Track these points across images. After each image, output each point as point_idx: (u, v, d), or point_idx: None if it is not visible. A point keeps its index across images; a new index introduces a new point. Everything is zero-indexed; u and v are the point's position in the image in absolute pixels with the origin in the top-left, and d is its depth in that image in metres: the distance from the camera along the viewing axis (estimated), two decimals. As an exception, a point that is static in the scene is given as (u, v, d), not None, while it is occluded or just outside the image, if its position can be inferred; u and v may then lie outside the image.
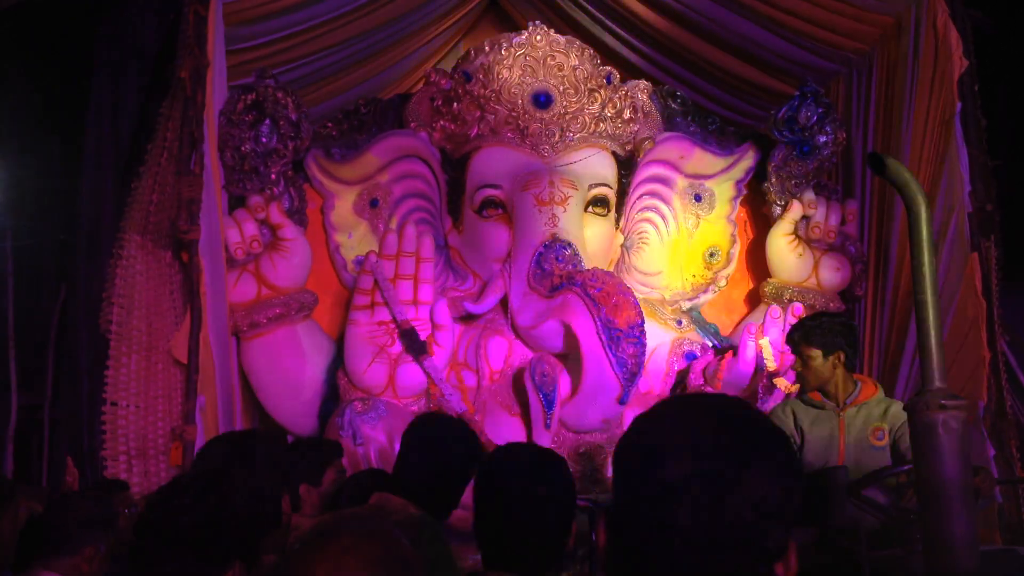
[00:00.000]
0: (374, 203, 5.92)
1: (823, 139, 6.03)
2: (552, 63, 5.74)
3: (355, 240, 5.91)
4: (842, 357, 3.98)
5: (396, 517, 2.59)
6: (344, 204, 5.92)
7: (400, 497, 2.69)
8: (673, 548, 1.14)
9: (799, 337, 4.07)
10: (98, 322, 4.89)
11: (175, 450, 4.62)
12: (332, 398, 5.55)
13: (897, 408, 3.95)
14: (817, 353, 4.01)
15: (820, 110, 5.99)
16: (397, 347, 5.43)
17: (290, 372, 5.56)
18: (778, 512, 1.15)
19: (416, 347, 5.39)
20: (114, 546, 3.32)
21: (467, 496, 5.25)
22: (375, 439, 5.06)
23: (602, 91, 5.81)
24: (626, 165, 5.93)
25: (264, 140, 5.41)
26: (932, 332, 2.19)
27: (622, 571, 1.21)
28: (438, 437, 2.79)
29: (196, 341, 4.77)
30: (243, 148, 5.37)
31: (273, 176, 5.48)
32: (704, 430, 1.18)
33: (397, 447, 5.03)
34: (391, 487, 2.78)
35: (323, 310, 5.78)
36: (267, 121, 5.38)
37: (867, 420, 3.96)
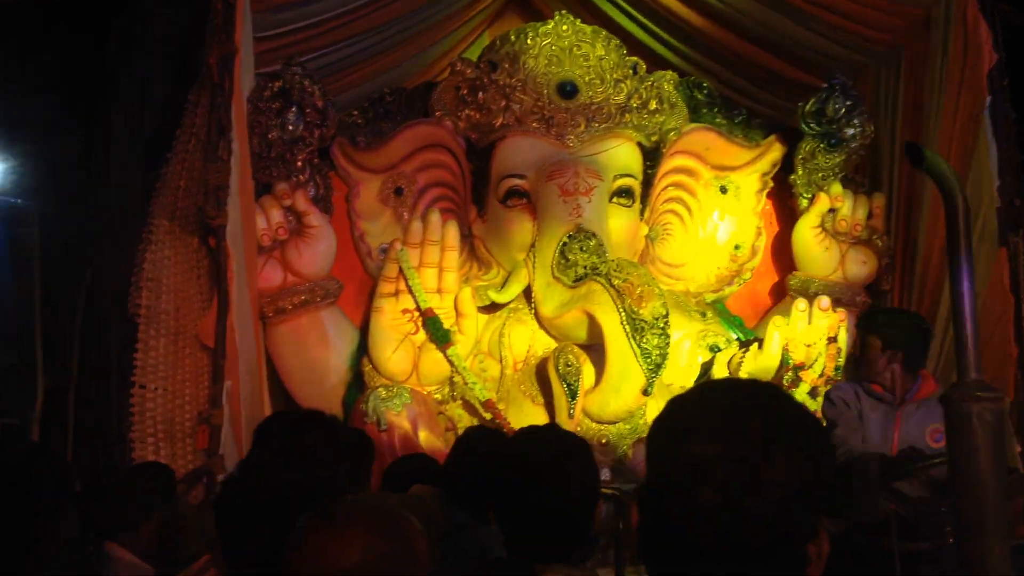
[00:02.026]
0: (399, 191, 5.93)
1: (851, 132, 6.00)
2: (578, 53, 5.74)
3: (380, 228, 5.92)
4: (900, 356, 3.95)
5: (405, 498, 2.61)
6: (369, 192, 5.93)
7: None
8: (700, 527, 1.15)
9: (864, 324, 4.06)
10: (126, 306, 4.93)
11: (202, 433, 4.65)
12: (356, 385, 5.57)
13: None
14: (876, 343, 3.98)
15: (849, 103, 5.96)
16: (421, 335, 5.45)
17: (315, 358, 5.59)
18: (806, 493, 1.17)
19: (440, 335, 5.41)
20: (172, 520, 3.69)
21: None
22: (399, 426, 5.09)
23: (628, 81, 5.80)
24: (652, 156, 5.92)
25: (290, 127, 5.42)
26: (968, 323, 2.18)
27: (654, 551, 1.22)
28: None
29: (223, 326, 4.79)
30: (270, 135, 5.39)
31: (299, 163, 5.50)
32: (734, 412, 1.20)
33: (420, 434, 5.11)
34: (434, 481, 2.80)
35: (348, 297, 5.79)
36: (293, 108, 5.40)
37: (925, 419, 3.89)
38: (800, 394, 5.28)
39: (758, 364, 5.43)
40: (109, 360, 5.30)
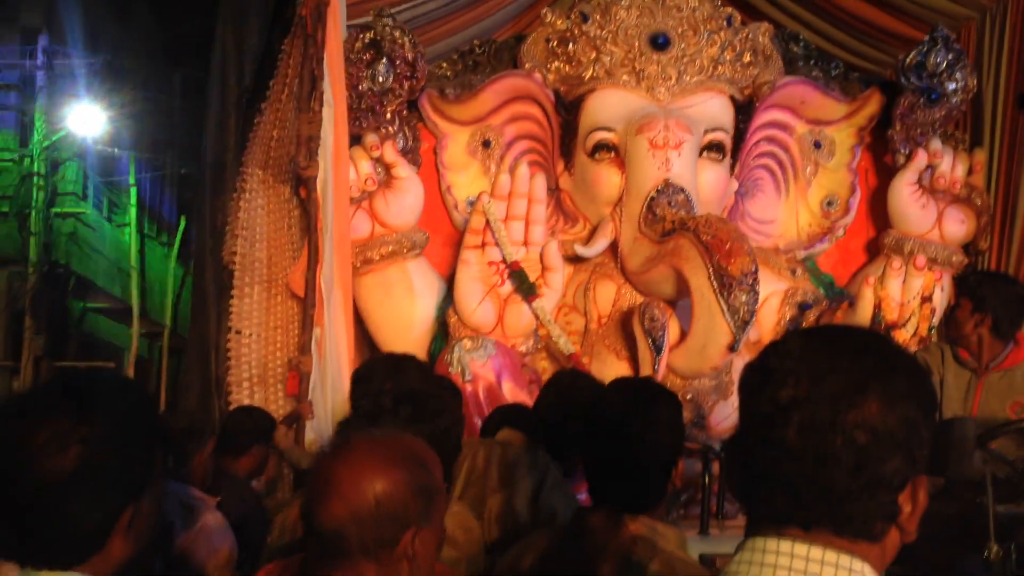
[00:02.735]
0: (487, 144, 5.93)
1: (952, 86, 5.81)
2: (671, 4, 5.63)
3: (467, 180, 5.93)
4: (989, 321, 3.82)
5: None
6: (457, 144, 5.94)
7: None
8: (783, 468, 1.14)
9: (960, 283, 3.97)
10: (221, 253, 5.05)
11: (291, 379, 4.76)
12: (441, 336, 5.62)
13: None
14: (967, 305, 3.86)
15: (951, 56, 5.76)
16: (507, 287, 5.47)
17: (401, 309, 5.65)
18: (897, 440, 1.14)
19: (526, 288, 5.42)
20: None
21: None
22: (483, 377, 5.13)
23: (721, 33, 5.67)
24: (744, 110, 5.80)
25: (380, 79, 5.46)
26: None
27: (744, 492, 1.23)
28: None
29: (313, 276, 4.88)
30: (360, 87, 5.44)
31: (388, 115, 5.55)
32: (826, 355, 1.18)
33: (504, 385, 5.15)
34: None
35: (434, 249, 5.84)
36: (384, 60, 5.43)
37: (1009, 390, 3.78)
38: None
39: (848, 322, 5.33)
40: (206, 306, 5.43)
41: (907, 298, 5.18)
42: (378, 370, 2.52)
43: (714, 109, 5.66)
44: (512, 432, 3.20)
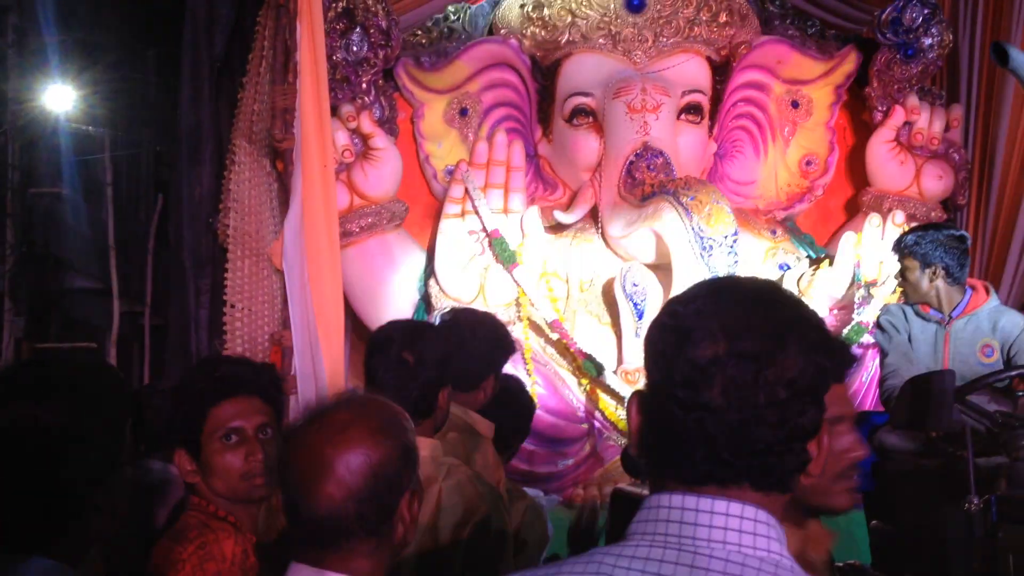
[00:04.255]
0: (464, 112, 5.89)
1: (928, 41, 5.80)
2: (646, -36, 5.58)
3: (445, 149, 5.90)
4: (939, 271, 3.86)
5: None
6: (434, 113, 5.90)
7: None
8: (706, 427, 1.14)
9: (897, 248, 3.98)
10: (198, 229, 5.02)
11: (274, 354, 4.75)
12: (423, 306, 5.61)
13: (1008, 320, 3.82)
14: (914, 265, 3.90)
15: (926, 11, 5.74)
16: (487, 256, 5.46)
17: (382, 280, 5.63)
18: (813, 390, 1.16)
19: (506, 256, 5.41)
20: None
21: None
22: (467, 346, 5.12)
23: (697, -7, 5.63)
24: (721, 71, 5.79)
25: (355, 49, 5.41)
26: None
27: (655, 452, 1.21)
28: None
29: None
30: (334, 57, 5.37)
31: (364, 85, 5.50)
32: (737, 310, 1.17)
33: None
34: None
35: (414, 219, 5.81)
36: (357, 29, 5.38)
37: (975, 334, 3.83)
38: (871, 312, 5.21)
39: (828, 281, 5.35)
40: (184, 280, 5.41)
41: (886, 255, 5.19)
42: (395, 338, 2.47)
43: (691, 71, 5.65)
44: None
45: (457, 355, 2.54)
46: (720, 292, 1.24)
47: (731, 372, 1.13)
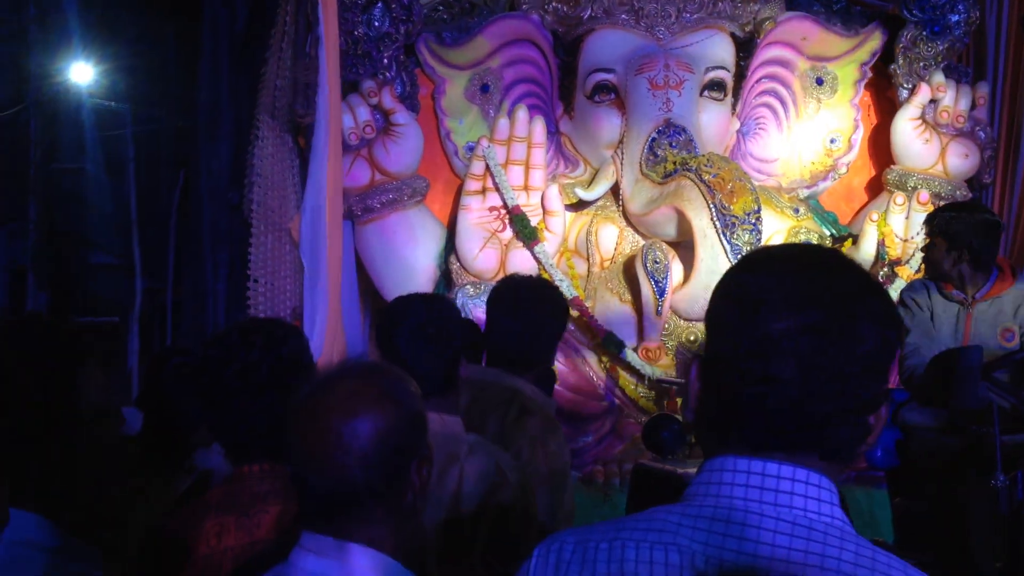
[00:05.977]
0: (485, 88, 5.87)
1: (955, 18, 5.73)
2: (669, -61, 5.53)
3: (466, 126, 5.88)
4: (965, 255, 3.82)
5: None
6: (455, 89, 5.88)
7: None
8: (769, 400, 1.13)
9: (928, 223, 3.94)
10: (219, 204, 5.04)
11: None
12: (444, 283, 5.62)
13: None
14: (941, 244, 3.85)
15: (953, -13, 5.67)
16: (508, 233, 5.45)
17: (403, 257, 5.63)
18: (878, 363, 1.14)
19: (527, 233, 5.40)
20: None
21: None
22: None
23: (721, -32, 5.58)
24: (745, 47, 5.73)
25: (376, 24, 5.40)
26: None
27: (714, 421, 1.20)
28: (526, 299, 2.75)
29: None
30: (356, 32, 5.37)
31: (385, 61, 5.48)
32: (806, 281, 1.15)
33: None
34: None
35: (434, 196, 5.81)
36: (379, 4, 5.37)
37: (997, 318, 3.78)
38: (895, 290, 5.17)
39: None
40: (201, 254, 5.43)
41: (910, 234, 5.16)
42: (418, 311, 2.45)
43: (715, 47, 5.59)
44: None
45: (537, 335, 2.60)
46: (787, 261, 1.21)
47: (801, 347, 1.11)
